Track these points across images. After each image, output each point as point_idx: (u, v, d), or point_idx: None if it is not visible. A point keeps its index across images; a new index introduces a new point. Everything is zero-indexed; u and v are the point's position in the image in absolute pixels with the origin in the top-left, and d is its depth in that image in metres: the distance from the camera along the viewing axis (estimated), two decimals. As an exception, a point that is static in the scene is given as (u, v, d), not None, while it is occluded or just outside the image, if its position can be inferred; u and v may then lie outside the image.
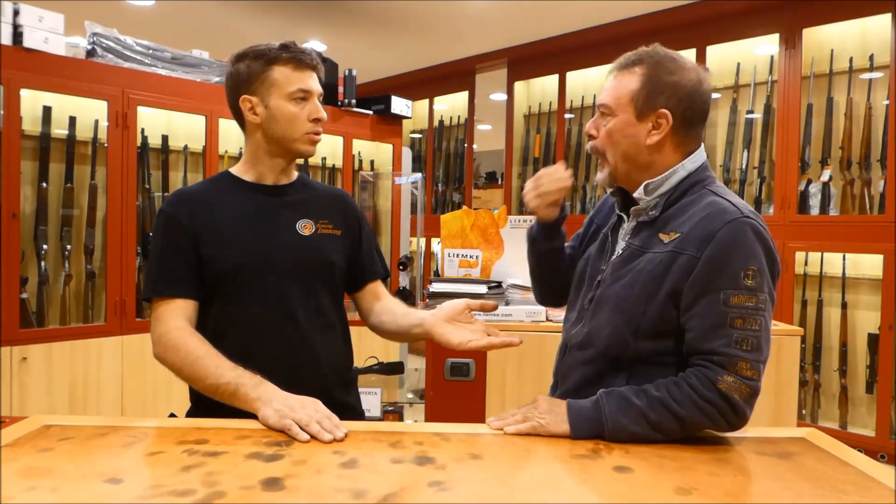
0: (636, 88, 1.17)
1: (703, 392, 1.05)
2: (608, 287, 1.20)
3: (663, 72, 1.17)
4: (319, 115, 1.35)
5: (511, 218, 2.74)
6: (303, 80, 1.32)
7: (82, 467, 0.92)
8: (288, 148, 1.36)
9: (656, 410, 1.07)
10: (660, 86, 1.17)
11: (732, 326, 1.06)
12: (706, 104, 1.21)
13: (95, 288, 3.11)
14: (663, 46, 1.21)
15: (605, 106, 1.21)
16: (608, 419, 1.08)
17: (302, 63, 1.32)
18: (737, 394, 1.04)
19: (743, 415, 1.06)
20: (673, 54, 1.20)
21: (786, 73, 3.80)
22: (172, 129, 3.42)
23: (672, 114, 1.17)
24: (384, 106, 4.23)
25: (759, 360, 1.06)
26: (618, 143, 1.20)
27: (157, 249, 1.33)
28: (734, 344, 1.05)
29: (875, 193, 3.55)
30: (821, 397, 3.72)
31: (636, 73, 1.18)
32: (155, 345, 1.27)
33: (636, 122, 1.18)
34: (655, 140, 1.18)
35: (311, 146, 1.37)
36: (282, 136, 1.34)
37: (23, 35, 2.73)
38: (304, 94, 1.33)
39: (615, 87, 1.20)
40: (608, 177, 1.25)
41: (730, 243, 1.07)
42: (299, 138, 1.34)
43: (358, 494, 0.84)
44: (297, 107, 1.33)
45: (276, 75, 1.31)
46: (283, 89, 1.32)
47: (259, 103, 1.33)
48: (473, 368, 2.32)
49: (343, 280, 1.45)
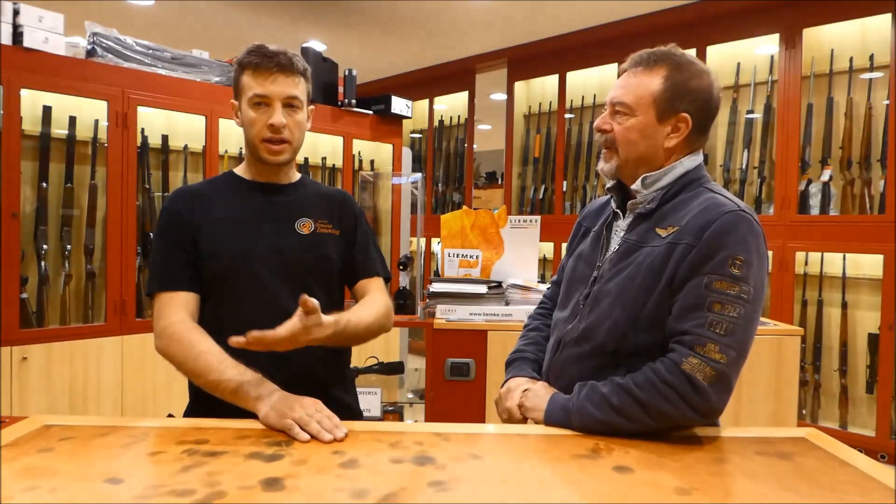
0: (659, 90, 1.17)
1: (664, 375, 1.06)
2: (606, 282, 1.20)
3: (686, 75, 1.17)
4: (274, 120, 1.30)
5: (511, 218, 2.75)
6: (261, 85, 1.30)
7: (82, 467, 0.92)
8: (255, 154, 1.36)
9: (618, 395, 1.09)
10: (682, 89, 1.16)
11: (709, 310, 1.06)
12: (717, 109, 1.22)
13: (95, 288, 3.10)
14: (678, 48, 1.21)
15: (624, 104, 1.19)
16: (575, 405, 1.12)
17: (260, 67, 1.30)
18: (700, 375, 1.04)
19: (706, 398, 1.05)
20: (690, 57, 1.20)
21: (786, 73, 3.80)
22: (172, 129, 3.42)
23: (691, 118, 1.17)
24: (384, 106, 4.23)
25: (731, 347, 1.05)
26: (635, 143, 1.20)
27: (159, 245, 1.35)
28: (707, 326, 1.06)
29: (875, 193, 3.55)
30: (821, 397, 3.73)
31: (658, 73, 1.17)
32: (157, 338, 1.28)
33: (656, 124, 1.18)
34: (673, 143, 1.19)
35: (269, 154, 1.33)
36: (249, 141, 1.36)
37: (23, 35, 2.73)
38: (262, 98, 1.31)
39: (635, 85, 1.19)
40: (614, 169, 1.24)
41: (722, 232, 1.08)
42: (259, 145, 1.34)
43: (358, 494, 0.84)
44: (256, 112, 1.32)
45: (243, 81, 1.33)
46: (246, 94, 1.33)
47: (237, 108, 1.37)
48: (473, 368, 2.32)
49: (341, 279, 1.46)
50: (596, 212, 1.37)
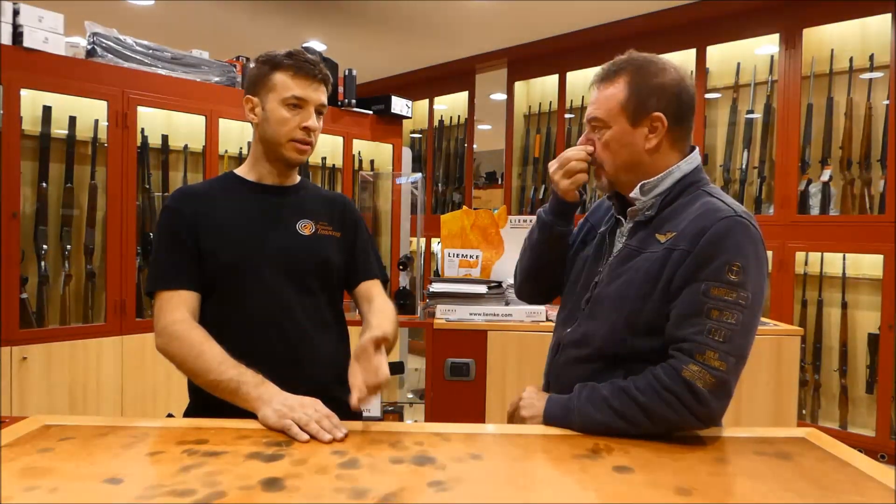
0: (624, 97, 1.18)
1: (665, 381, 1.06)
2: (605, 287, 1.21)
3: (647, 75, 1.18)
4: (309, 123, 1.35)
5: (511, 218, 2.74)
6: (300, 88, 1.34)
7: (82, 467, 0.92)
8: (276, 152, 1.37)
9: (619, 398, 1.09)
10: (647, 89, 1.17)
11: (708, 317, 1.07)
12: (692, 98, 1.22)
13: (95, 288, 3.10)
14: (637, 52, 1.22)
15: (597, 119, 1.21)
16: (576, 405, 1.13)
17: (302, 71, 1.34)
18: (700, 382, 1.05)
19: (707, 405, 1.05)
20: (651, 57, 1.21)
21: (786, 73, 3.80)
22: (172, 129, 3.42)
23: (665, 115, 1.17)
24: (384, 106, 4.23)
25: (731, 354, 1.06)
26: (617, 153, 1.21)
27: (160, 243, 1.35)
28: (706, 333, 1.06)
29: (875, 193, 3.55)
30: (821, 397, 3.73)
31: (619, 82, 1.19)
32: (158, 336, 1.28)
33: (631, 129, 1.19)
34: (654, 143, 1.19)
35: (296, 154, 1.37)
36: (271, 138, 1.36)
37: (23, 35, 2.73)
38: (299, 101, 1.34)
39: (602, 98, 1.21)
40: (607, 185, 1.26)
41: (719, 238, 1.08)
42: (285, 144, 1.36)
43: (358, 494, 0.84)
44: (290, 112, 1.35)
45: (276, 80, 1.35)
46: (280, 94, 1.34)
47: (258, 104, 1.37)
48: (473, 368, 2.32)
49: (341, 281, 1.46)
50: (604, 211, 1.37)
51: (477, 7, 4.34)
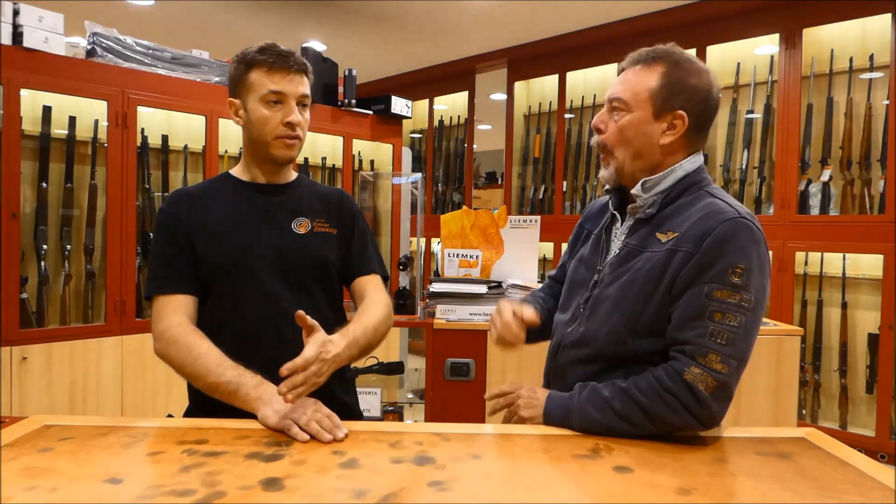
0: (656, 86, 1.16)
1: (667, 383, 1.06)
2: (606, 287, 1.20)
3: (683, 73, 1.16)
4: (292, 118, 1.32)
5: (511, 218, 2.74)
6: (277, 83, 1.31)
7: (82, 467, 0.92)
8: (264, 152, 1.36)
9: (620, 399, 1.09)
10: (679, 87, 1.16)
11: (710, 319, 1.06)
12: (716, 109, 1.21)
13: (95, 288, 3.10)
14: (678, 46, 1.21)
15: (621, 101, 1.19)
16: (576, 405, 1.12)
17: (276, 65, 1.31)
18: (702, 385, 1.05)
19: (707, 407, 1.05)
20: (689, 56, 1.20)
21: (786, 73, 3.80)
22: (172, 129, 3.42)
23: (688, 116, 1.16)
24: (384, 106, 4.23)
25: (732, 356, 1.06)
26: (630, 141, 1.19)
27: (157, 247, 1.35)
28: (708, 336, 1.06)
29: (875, 193, 3.55)
30: (821, 397, 3.73)
31: (656, 70, 1.17)
32: (156, 341, 1.28)
33: (652, 120, 1.17)
34: (669, 141, 1.17)
35: (284, 150, 1.35)
36: (257, 138, 1.35)
37: (23, 35, 2.73)
38: (277, 96, 1.32)
39: (633, 81, 1.18)
40: (614, 174, 1.23)
41: (722, 240, 1.08)
42: (272, 142, 1.34)
43: (358, 494, 0.84)
44: (270, 110, 1.32)
45: (252, 78, 1.33)
46: (258, 92, 1.32)
47: (240, 106, 1.36)
48: (473, 368, 2.32)
49: (339, 278, 1.45)
50: (597, 213, 1.37)
51: (477, 7, 4.34)
